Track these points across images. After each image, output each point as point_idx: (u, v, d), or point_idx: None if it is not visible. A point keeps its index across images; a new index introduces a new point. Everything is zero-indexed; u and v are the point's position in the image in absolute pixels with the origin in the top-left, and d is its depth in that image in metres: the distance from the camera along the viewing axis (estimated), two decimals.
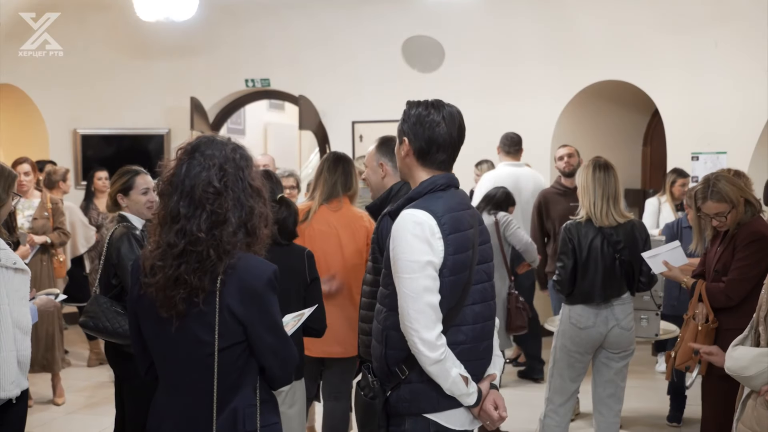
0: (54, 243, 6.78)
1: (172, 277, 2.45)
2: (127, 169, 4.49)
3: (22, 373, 3.52)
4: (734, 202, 4.32)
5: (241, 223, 2.50)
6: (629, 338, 4.86)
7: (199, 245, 2.45)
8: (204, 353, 2.48)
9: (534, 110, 9.25)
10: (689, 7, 8.34)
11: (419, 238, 2.70)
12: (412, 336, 2.69)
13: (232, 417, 2.52)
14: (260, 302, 2.49)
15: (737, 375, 3.19)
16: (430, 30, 9.64)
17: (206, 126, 10.33)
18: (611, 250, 4.73)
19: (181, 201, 2.49)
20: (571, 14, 9.03)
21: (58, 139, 10.54)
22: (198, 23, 9.28)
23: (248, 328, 2.49)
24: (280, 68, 10.24)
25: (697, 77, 8.48)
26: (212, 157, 2.52)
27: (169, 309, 2.48)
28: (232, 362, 2.50)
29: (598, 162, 4.87)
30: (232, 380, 2.52)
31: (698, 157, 8.50)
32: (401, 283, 2.71)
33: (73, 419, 6.39)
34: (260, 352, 2.53)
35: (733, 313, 4.30)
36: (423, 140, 2.84)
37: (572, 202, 6.68)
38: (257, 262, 2.52)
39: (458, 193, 2.92)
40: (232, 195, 2.49)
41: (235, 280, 2.47)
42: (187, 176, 2.51)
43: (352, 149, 9.80)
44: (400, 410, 2.81)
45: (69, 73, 10.26)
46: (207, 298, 2.46)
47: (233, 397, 2.52)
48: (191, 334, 2.49)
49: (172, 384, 2.61)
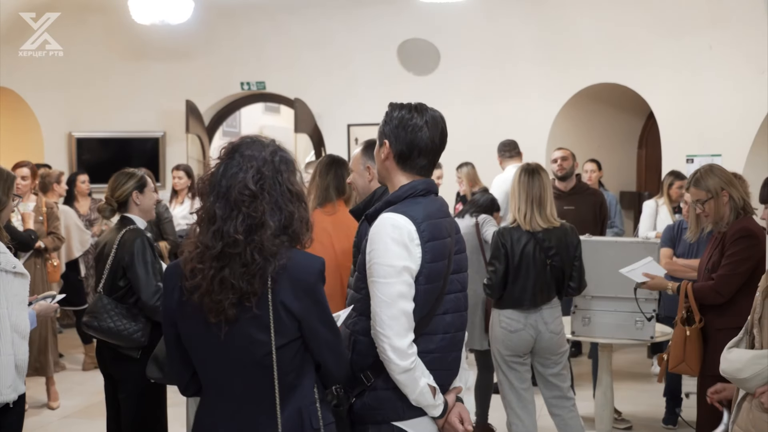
0: (48, 247, 6.76)
1: (215, 279, 2.39)
2: (130, 170, 4.46)
3: (20, 378, 3.50)
4: (713, 193, 4.36)
5: (281, 227, 2.45)
6: (559, 342, 4.87)
7: (237, 247, 2.39)
8: (260, 353, 2.43)
9: (529, 113, 9.27)
10: (684, 9, 8.36)
11: (397, 242, 2.64)
12: (383, 342, 2.61)
13: (297, 416, 2.47)
14: (313, 295, 2.46)
15: (732, 377, 3.19)
16: (425, 33, 9.66)
17: (202, 129, 10.33)
18: (543, 255, 4.75)
19: (218, 202, 2.44)
20: (567, 17, 9.05)
21: (54, 142, 10.53)
22: (193, 26, 9.28)
23: (303, 322, 2.45)
24: (276, 71, 10.26)
25: (692, 80, 8.50)
26: (251, 158, 2.46)
27: (218, 314, 2.41)
28: (289, 360, 2.46)
29: (527, 167, 4.89)
30: (291, 379, 2.47)
31: (693, 160, 8.51)
32: (376, 287, 2.64)
33: (68, 423, 6.37)
34: (317, 346, 2.49)
35: (722, 312, 4.32)
36: (404, 144, 2.78)
37: (566, 205, 6.69)
38: (305, 256, 2.49)
39: (437, 200, 2.85)
40: (268, 198, 2.44)
41: (287, 276, 2.43)
42: (224, 177, 2.45)
43: (348, 152, 9.81)
44: (365, 418, 2.74)
45: (64, 76, 10.26)
46: (259, 300, 2.41)
47: (292, 396, 2.48)
48: (244, 336, 2.43)
49: (223, 392, 2.52)
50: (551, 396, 4.96)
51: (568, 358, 5.12)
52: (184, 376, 2.61)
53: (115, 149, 10.47)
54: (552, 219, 4.81)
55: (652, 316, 5.19)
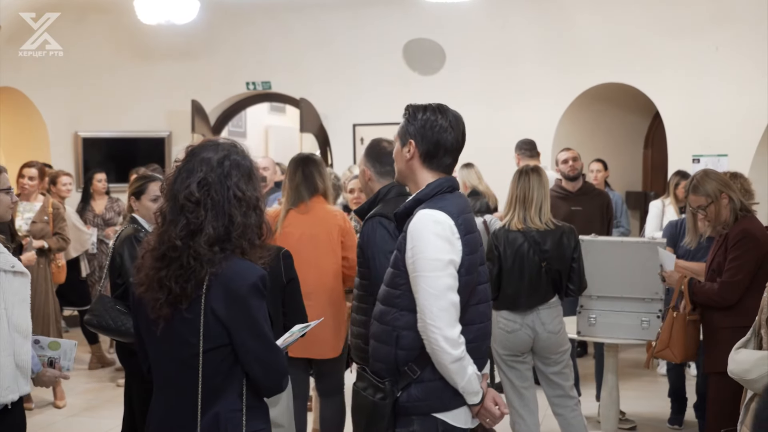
0: (52, 248, 6.76)
1: (154, 278, 2.48)
2: (145, 174, 4.68)
3: (24, 378, 3.42)
4: (713, 197, 4.38)
5: (223, 234, 2.47)
6: (559, 341, 4.86)
7: (176, 252, 2.46)
8: (189, 354, 2.48)
9: (535, 113, 9.26)
10: (690, 10, 8.35)
11: (440, 237, 2.75)
12: (435, 334, 2.71)
13: (215, 421, 2.50)
14: (244, 306, 2.47)
15: (740, 378, 3.19)
16: (431, 33, 9.66)
17: (207, 129, 10.34)
18: (537, 257, 4.74)
19: (168, 205, 2.52)
20: (572, 17, 9.04)
21: (60, 142, 10.54)
22: (199, 26, 9.30)
23: (231, 331, 2.47)
24: (281, 71, 10.26)
25: (698, 80, 8.49)
26: (202, 162, 2.50)
27: (155, 311, 2.50)
28: (216, 365, 2.49)
29: (524, 168, 4.91)
30: (216, 384, 2.50)
31: (699, 160, 8.50)
32: (424, 281, 2.73)
33: (74, 422, 6.38)
34: (243, 357, 2.50)
35: (728, 311, 4.32)
36: (431, 144, 2.88)
37: (574, 206, 6.69)
38: (244, 267, 2.50)
39: (462, 195, 2.98)
40: (211, 204, 2.47)
41: (220, 283, 2.46)
42: (176, 181, 2.52)
43: (353, 152, 9.81)
44: (410, 410, 2.83)
45: (70, 75, 10.27)
46: (192, 304, 2.47)
47: (216, 401, 2.51)
48: (177, 334, 2.50)
49: (161, 384, 2.63)
50: (554, 395, 4.96)
51: (573, 358, 5.11)
52: (146, 361, 2.72)
53: (121, 149, 10.48)
54: (548, 220, 4.82)
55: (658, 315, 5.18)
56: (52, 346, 3.63)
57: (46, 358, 3.61)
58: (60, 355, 3.65)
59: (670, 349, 4.56)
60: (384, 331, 2.88)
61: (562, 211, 6.59)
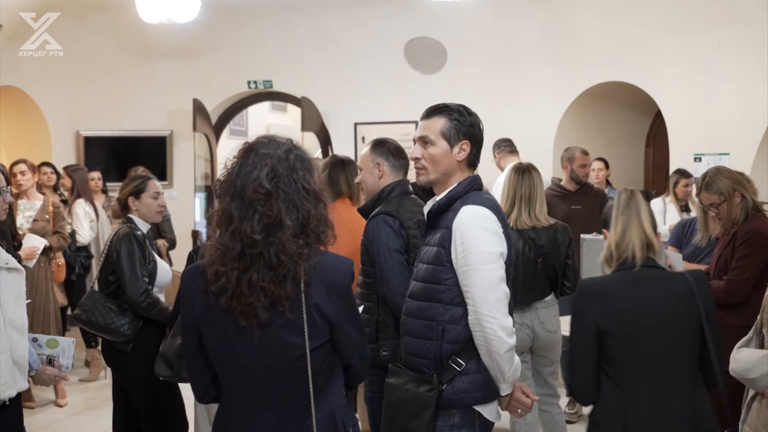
0: (53, 246, 6.77)
1: (241, 281, 2.35)
2: (139, 174, 4.67)
3: (21, 374, 3.41)
4: (726, 195, 4.35)
5: (299, 226, 2.40)
6: (555, 340, 4.89)
7: (256, 248, 2.35)
8: (293, 357, 2.40)
9: (536, 111, 9.25)
10: (692, 8, 8.33)
11: (489, 230, 2.85)
12: (492, 323, 2.80)
13: (331, 419, 2.46)
14: (346, 298, 2.47)
15: (741, 377, 3.19)
16: (432, 31, 9.64)
17: (209, 128, 10.34)
18: (533, 254, 4.75)
19: (233, 202, 2.40)
20: (574, 15, 9.03)
21: (61, 141, 10.54)
22: (200, 25, 9.29)
23: (336, 325, 2.44)
24: (283, 70, 10.25)
25: (700, 78, 8.47)
26: (265, 156, 2.42)
27: (249, 318, 2.37)
28: (320, 364, 2.44)
29: (519, 166, 4.95)
30: (320, 382, 2.45)
31: (701, 159, 8.49)
32: (478, 274, 2.81)
33: (75, 421, 6.39)
34: (347, 348, 2.50)
35: (734, 311, 4.29)
36: (478, 144, 3.01)
37: (573, 204, 6.69)
38: (336, 259, 2.48)
39: (490, 193, 3.06)
40: (283, 196, 2.39)
41: (320, 278, 2.41)
42: (239, 176, 2.42)
43: (355, 151, 9.80)
44: (454, 402, 2.90)
45: (71, 74, 10.26)
46: (293, 304, 2.38)
47: (324, 399, 2.46)
48: (277, 339, 2.40)
49: (252, 397, 2.48)
50: (543, 393, 4.98)
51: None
52: (203, 382, 2.57)
53: (122, 148, 10.47)
54: (542, 218, 4.82)
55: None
56: (50, 344, 3.62)
57: (45, 357, 3.60)
58: (59, 353, 3.64)
59: None
60: (426, 327, 2.94)
61: (562, 210, 6.58)
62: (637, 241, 2.98)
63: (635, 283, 2.97)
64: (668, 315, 2.94)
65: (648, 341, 2.93)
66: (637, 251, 2.97)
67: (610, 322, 2.93)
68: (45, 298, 6.64)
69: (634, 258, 2.98)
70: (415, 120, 7.43)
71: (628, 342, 2.93)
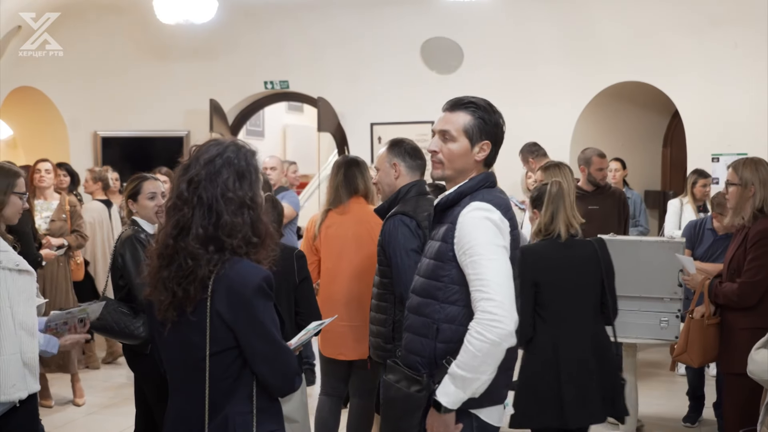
0: (71, 245, 6.82)
1: (158, 279, 2.48)
2: (137, 175, 4.60)
3: (32, 375, 3.42)
4: (743, 182, 4.37)
5: (208, 234, 2.44)
6: None
7: (168, 250, 2.47)
8: (197, 357, 2.47)
9: (553, 112, 9.22)
10: (709, 8, 8.29)
11: (495, 225, 2.73)
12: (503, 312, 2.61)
13: (224, 424, 2.48)
14: (248, 308, 2.44)
15: (759, 378, 3.18)
16: (448, 32, 9.64)
17: (225, 128, 10.37)
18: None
19: (169, 202, 2.54)
20: (590, 16, 9.00)
21: (79, 141, 10.61)
22: (217, 25, 9.32)
23: (238, 334, 2.45)
24: (299, 70, 10.27)
25: (718, 78, 8.43)
26: (196, 162, 2.50)
27: (161, 313, 2.49)
28: (225, 368, 2.47)
29: (556, 163, 5.06)
30: (226, 386, 2.48)
31: (719, 159, 8.45)
32: (487, 265, 2.66)
33: (94, 420, 6.42)
34: (251, 359, 2.47)
35: (747, 312, 4.29)
36: (498, 144, 2.91)
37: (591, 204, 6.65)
38: (247, 268, 2.46)
39: (504, 192, 2.95)
40: (198, 202, 2.45)
41: (224, 285, 2.43)
42: (174, 180, 2.54)
43: (371, 151, 9.81)
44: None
45: (89, 75, 10.34)
46: (197, 307, 2.44)
47: (226, 403, 2.48)
48: (184, 337, 2.48)
49: (173, 386, 2.62)
50: None
51: None
52: (161, 364, 2.70)
53: (139, 148, 10.52)
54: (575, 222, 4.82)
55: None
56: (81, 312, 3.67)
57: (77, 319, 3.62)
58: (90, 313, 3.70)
59: (688, 354, 4.56)
60: (423, 324, 2.84)
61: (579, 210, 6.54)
62: (563, 225, 4.09)
63: (560, 249, 4.09)
64: (581, 271, 4.08)
65: (567, 290, 4.04)
66: (563, 231, 4.09)
67: (543, 276, 4.00)
68: (65, 297, 6.69)
69: (559, 235, 4.08)
70: (431, 120, 7.42)
71: (555, 290, 4.03)
